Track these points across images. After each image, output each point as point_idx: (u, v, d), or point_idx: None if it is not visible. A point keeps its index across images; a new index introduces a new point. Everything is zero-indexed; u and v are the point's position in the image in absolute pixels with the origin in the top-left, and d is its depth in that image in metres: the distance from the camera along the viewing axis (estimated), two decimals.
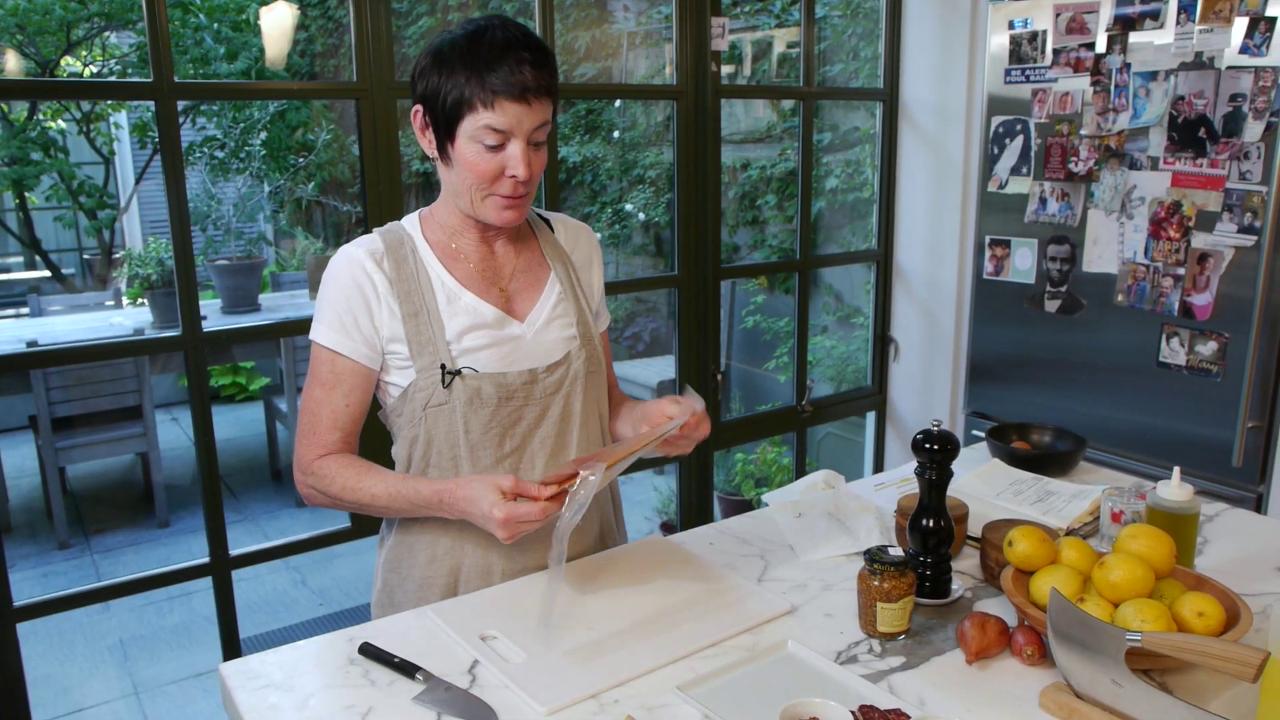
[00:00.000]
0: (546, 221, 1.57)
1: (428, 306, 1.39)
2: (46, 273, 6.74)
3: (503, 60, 1.28)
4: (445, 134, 1.34)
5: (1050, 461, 1.85)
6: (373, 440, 1.48)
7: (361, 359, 1.39)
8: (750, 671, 1.19)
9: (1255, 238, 2.18)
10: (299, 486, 1.43)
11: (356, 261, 1.39)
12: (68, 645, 3.42)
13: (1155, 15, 2.32)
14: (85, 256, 7.54)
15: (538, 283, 1.49)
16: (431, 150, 1.38)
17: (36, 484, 4.90)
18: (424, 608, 1.35)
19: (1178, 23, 2.27)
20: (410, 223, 1.46)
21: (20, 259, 7.74)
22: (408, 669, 1.17)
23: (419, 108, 1.36)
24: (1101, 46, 2.44)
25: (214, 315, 4.67)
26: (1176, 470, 1.42)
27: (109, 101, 6.28)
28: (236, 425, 5.94)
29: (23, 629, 2.07)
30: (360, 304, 1.38)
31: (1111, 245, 2.48)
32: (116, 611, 3.65)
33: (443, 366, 1.37)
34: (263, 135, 6.09)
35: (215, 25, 5.66)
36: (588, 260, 1.57)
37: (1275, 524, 1.64)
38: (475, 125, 1.30)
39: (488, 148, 1.32)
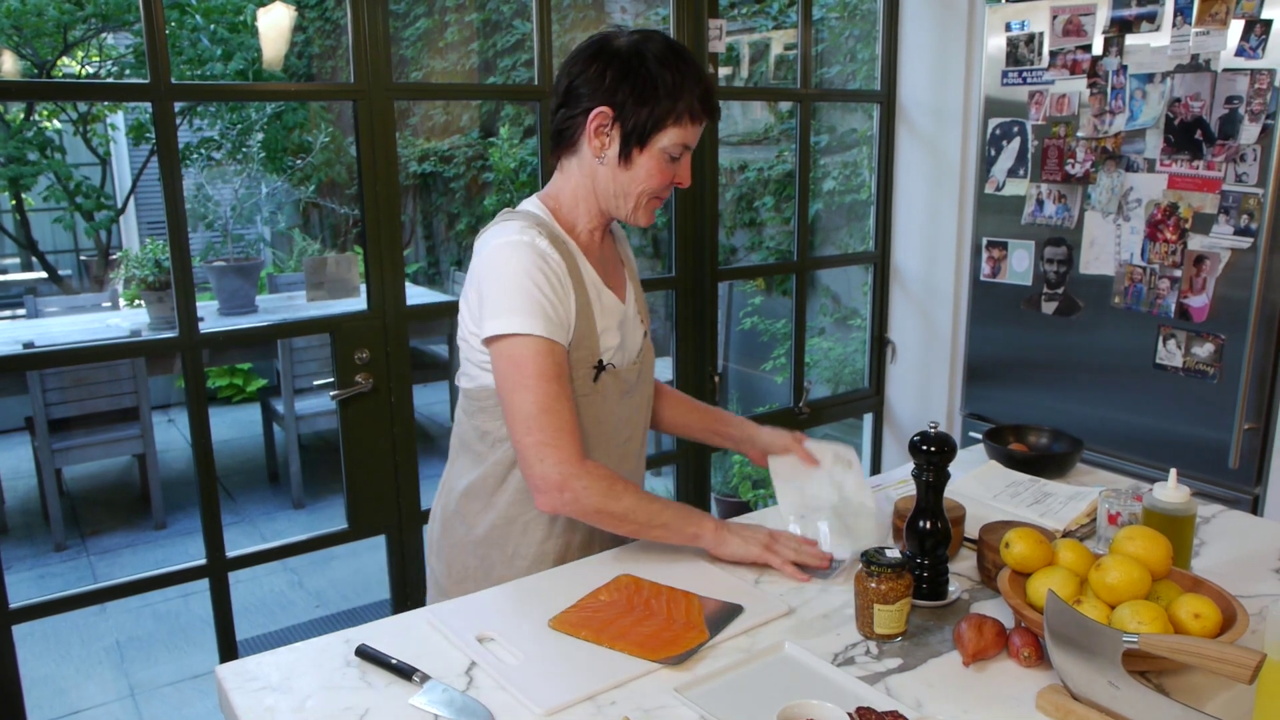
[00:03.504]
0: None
1: (586, 299, 1.42)
2: (43, 274, 6.72)
3: (701, 80, 1.39)
4: (637, 141, 1.37)
5: (1047, 463, 1.85)
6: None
7: (568, 346, 1.39)
8: (747, 673, 1.19)
9: (1251, 239, 2.19)
10: (559, 491, 1.34)
11: (540, 250, 1.37)
12: (64, 647, 3.41)
13: (1151, 18, 2.33)
14: (82, 258, 7.53)
15: (624, 281, 1.55)
16: (601, 153, 1.39)
17: (33, 485, 4.89)
18: (421, 609, 1.35)
19: (1174, 25, 2.28)
20: (543, 212, 1.46)
21: (17, 260, 7.73)
22: (405, 671, 1.17)
23: (606, 110, 1.36)
24: (1098, 49, 2.45)
25: (211, 317, 4.66)
26: (1173, 472, 1.42)
27: (105, 102, 6.27)
28: (233, 427, 5.93)
29: (19, 631, 2.07)
30: (561, 290, 1.38)
31: (1108, 247, 2.48)
32: (113, 613, 3.64)
33: (599, 361, 1.42)
34: (260, 136, 6.09)
35: (212, 26, 5.66)
36: (632, 263, 1.64)
37: (1271, 525, 1.64)
38: (675, 139, 1.38)
39: (671, 159, 1.39)
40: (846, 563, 1.44)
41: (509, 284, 1.34)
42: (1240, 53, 2.16)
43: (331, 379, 2.36)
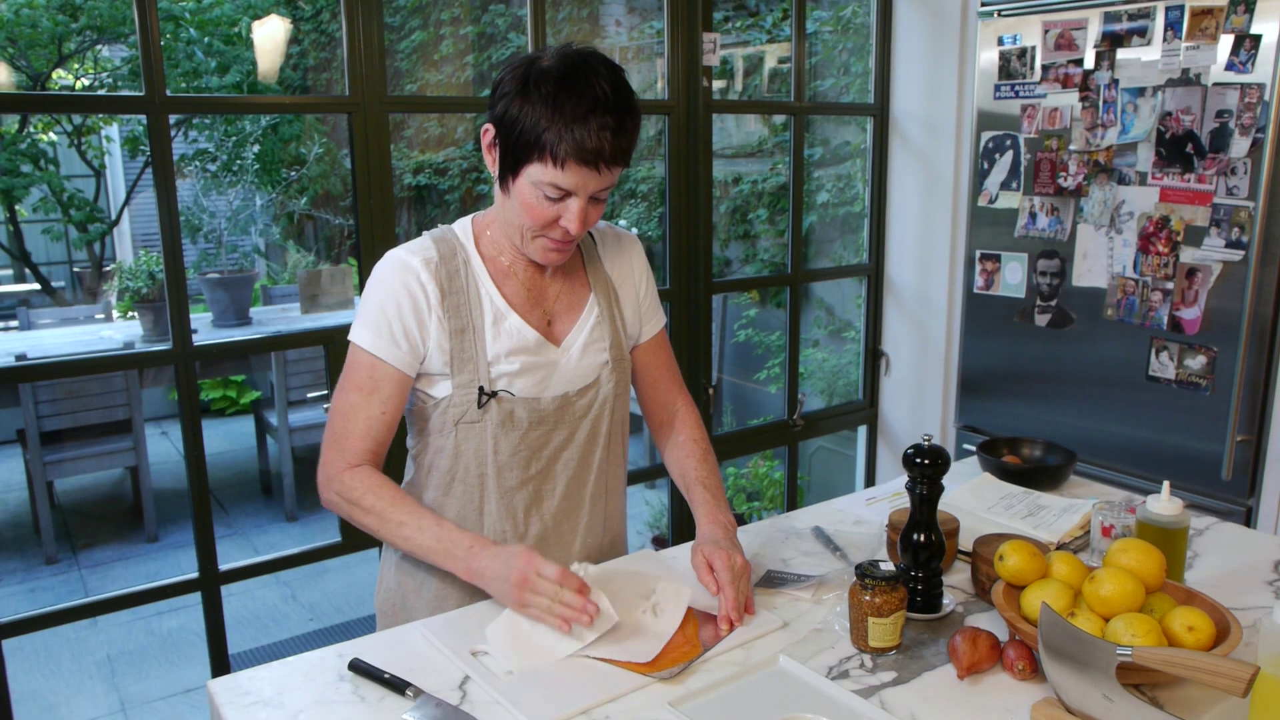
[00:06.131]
0: (590, 237, 1.54)
1: (474, 324, 1.38)
2: (36, 286, 6.71)
3: (586, 121, 1.23)
4: (509, 168, 1.30)
5: (1041, 475, 1.85)
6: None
7: (404, 367, 1.37)
8: (742, 687, 1.18)
9: (1242, 252, 2.20)
10: (322, 491, 1.40)
11: (411, 269, 1.36)
12: (54, 661, 3.39)
13: (1142, 32, 2.34)
14: (75, 269, 7.51)
15: (578, 304, 1.47)
16: (493, 171, 1.35)
17: (24, 498, 4.86)
18: (415, 623, 1.35)
19: (1164, 40, 2.29)
20: (464, 231, 1.44)
21: (10, 272, 7.71)
22: (398, 685, 1.16)
23: (490, 128, 1.31)
24: (1090, 63, 2.46)
25: (205, 329, 4.65)
26: (1166, 484, 1.42)
27: (100, 115, 6.27)
28: (227, 439, 5.92)
29: (8, 645, 2.06)
30: (410, 312, 1.35)
31: (1101, 260, 2.49)
32: (104, 627, 3.62)
33: (480, 388, 1.37)
34: (255, 148, 6.09)
35: (207, 39, 5.67)
36: (628, 274, 1.54)
37: (1264, 538, 1.65)
38: (540, 176, 1.27)
39: (547, 198, 1.29)
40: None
41: (366, 294, 1.39)
42: (1230, 67, 2.18)
43: (325, 391, 2.35)
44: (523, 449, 1.41)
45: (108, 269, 6.34)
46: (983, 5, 2.69)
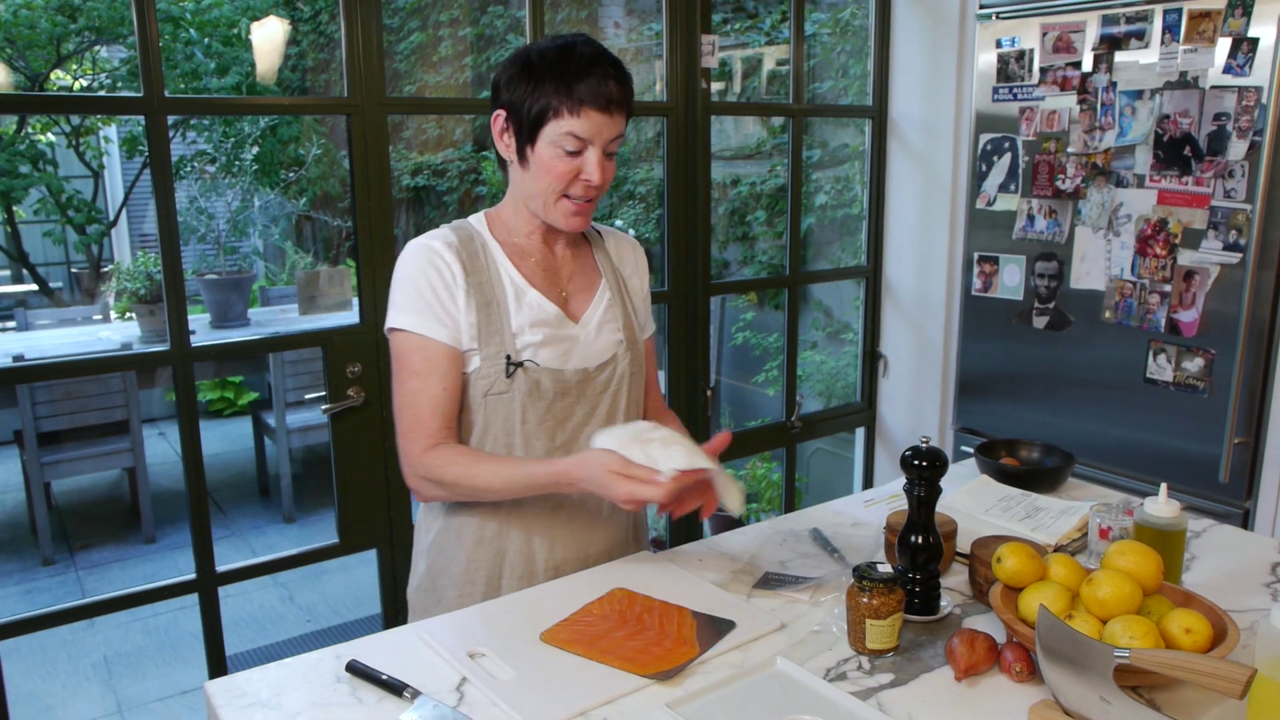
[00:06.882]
0: (598, 233, 1.64)
1: (498, 299, 1.46)
2: (34, 286, 6.70)
3: (590, 72, 1.37)
4: (527, 138, 1.41)
5: (1038, 478, 1.85)
6: None
7: (453, 342, 1.44)
8: (739, 689, 1.18)
9: (1240, 255, 2.20)
10: (410, 481, 1.46)
11: (434, 250, 1.45)
12: (51, 662, 3.38)
13: (1140, 35, 2.35)
14: (73, 270, 7.50)
15: (591, 286, 1.56)
16: (509, 154, 1.46)
17: (21, 499, 4.86)
18: (413, 624, 1.35)
19: (1162, 43, 2.30)
20: (478, 221, 1.53)
21: (7, 273, 7.70)
22: (396, 687, 1.16)
23: (501, 113, 1.43)
24: (1088, 65, 2.46)
25: (203, 330, 4.65)
26: (1164, 486, 1.43)
27: (99, 115, 6.27)
28: (224, 440, 5.91)
29: (5, 646, 2.06)
30: (443, 289, 1.44)
31: (1099, 262, 2.49)
32: (101, 628, 3.61)
33: (508, 357, 1.44)
34: (253, 150, 6.08)
35: (206, 40, 5.67)
36: (634, 270, 1.64)
37: (1262, 540, 1.65)
38: (559, 131, 1.38)
39: (567, 153, 1.39)
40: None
41: (397, 281, 1.47)
42: (1228, 70, 2.18)
43: (323, 392, 2.35)
44: (548, 419, 1.47)
45: (106, 270, 6.33)
46: (981, 8, 2.69)
